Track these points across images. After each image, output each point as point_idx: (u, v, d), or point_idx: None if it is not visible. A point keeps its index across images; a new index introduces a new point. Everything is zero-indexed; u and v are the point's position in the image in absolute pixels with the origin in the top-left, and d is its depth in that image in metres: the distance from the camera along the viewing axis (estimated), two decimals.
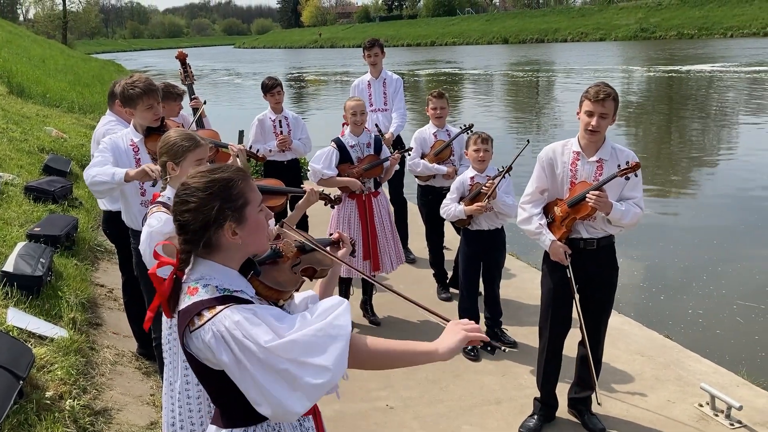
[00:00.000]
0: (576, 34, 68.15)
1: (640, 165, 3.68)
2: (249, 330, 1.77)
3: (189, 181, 1.92)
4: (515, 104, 24.41)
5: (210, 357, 1.82)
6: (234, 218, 1.88)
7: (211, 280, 1.87)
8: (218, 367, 1.84)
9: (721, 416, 4.09)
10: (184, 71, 5.91)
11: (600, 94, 3.60)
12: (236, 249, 1.93)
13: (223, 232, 1.88)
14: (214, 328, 1.79)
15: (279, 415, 1.80)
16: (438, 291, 6.20)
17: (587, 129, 3.66)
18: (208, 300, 1.83)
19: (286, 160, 6.62)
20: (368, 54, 7.04)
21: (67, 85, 18.55)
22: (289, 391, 1.77)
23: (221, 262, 1.92)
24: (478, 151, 5.01)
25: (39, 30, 58.91)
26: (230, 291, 1.86)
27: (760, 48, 41.53)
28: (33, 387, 3.48)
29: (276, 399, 1.77)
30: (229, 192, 1.89)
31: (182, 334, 1.87)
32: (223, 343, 1.78)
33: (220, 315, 1.80)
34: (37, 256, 4.79)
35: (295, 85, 37.43)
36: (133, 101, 3.88)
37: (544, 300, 4.03)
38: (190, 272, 1.93)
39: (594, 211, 3.67)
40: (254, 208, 1.94)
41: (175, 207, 1.92)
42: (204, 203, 1.87)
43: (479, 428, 4.12)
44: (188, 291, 1.88)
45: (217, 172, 1.93)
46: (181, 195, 1.91)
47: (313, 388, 1.79)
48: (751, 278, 7.29)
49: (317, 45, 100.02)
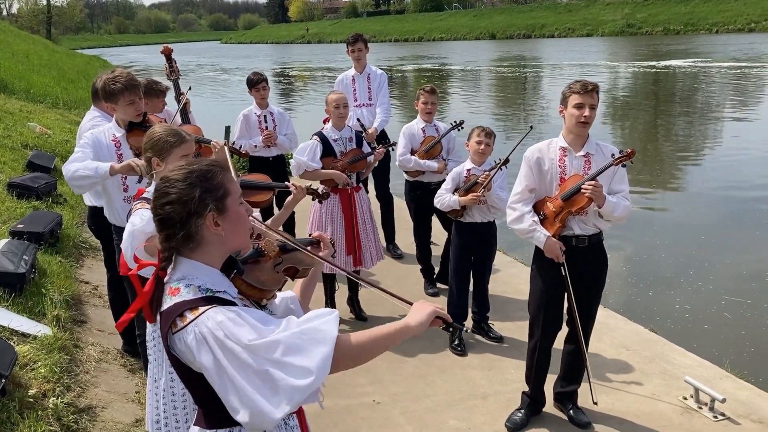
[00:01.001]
0: (563, 29, 68.34)
1: (635, 153, 3.71)
2: (232, 330, 1.73)
3: (168, 175, 1.90)
4: (502, 100, 24.44)
5: (191, 358, 1.79)
6: (215, 207, 1.86)
7: (194, 280, 1.84)
8: (200, 369, 1.80)
9: (705, 409, 4.12)
10: (170, 66, 5.85)
11: (588, 86, 3.65)
12: (219, 243, 1.89)
13: (205, 223, 1.85)
14: (197, 329, 1.75)
15: (256, 421, 1.73)
16: (425, 286, 6.20)
17: (579, 121, 3.67)
18: (190, 301, 1.79)
19: (271, 156, 6.60)
20: (352, 49, 7.02)
21: (51, 81, 18.39)
22: (269, 395, 1.72)
23: (204, 260, 1.89)
24: (480, 144, 4.99)
25: (23, 25, 58.36)
26: (213, 291, 1.82)
27: (743, 44, 41.82)
28: (16, 385, 3.45)
29: (254, 403, 1.71)
30: (210, 182, 1.87)
31: (165, 337, 1.83)
32: (204, 344, 1.74)
33: (203, 316, 1.76)
34: (20, 254, 4.75)
35: (282, 80, 37.29)
36: (115, 96, 3.84)
37: (536, 300, 4.01)
38: (172, 272, 1.89)
39: (588, 204, 3.67)
40: (235, 200, 1.92)
41: (155, 201, 1.88)
42: (184, 193, 1.84)
43: (466, 422, 4.13)
44: (170, 291, 1.84)
45: (196, 163, 1.92)
46: (161, 188, 1.88)
47: (295, 391, 1.72)
48: (738, 273, 7.33)
49: (304, 40, 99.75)
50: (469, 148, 5.08)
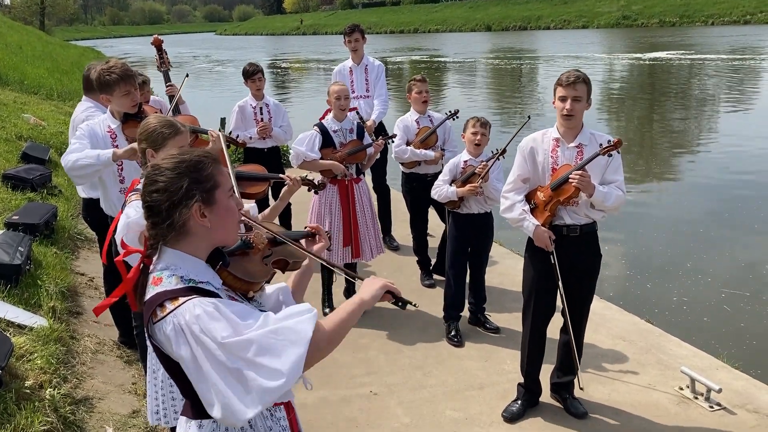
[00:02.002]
0: (559, 21, 68.24)
1: (622, 142, 3.70)
2: (207, 324, 1.72)
3: (159, 163, 1.90)
4: (498, 92, 24.42)
5: (169, 349, 1.79)
6: (203, 199, 1.85)
7: (177, 270, 1.83)
8: (178, 360, 1.80)
9: (701, 399, 4.14)
10: (160, 57, 5.81)
11: (570, 77, 3.65)
12: (205, 234, 1.88)
13: (191, 214, 1.84)
14: (175, 320, 1.75)
15: (227, 417, 1.73)
16: (421, 278, 6.21)
17: (562, 114, 3.69)
18: (171, 291, 1.79)
19: (266, 148, 6.58)
20: (349, 39, 6.99)
21: (45, 72, 18.28)
22: (241, 394, 1.71)
23: (189, 251, 1.88)
24: (476, 134, 4.98)
25: (16, 16, 57.97)
26: (195, 282, 1.81)
27: (739, 36, 41.84)
28: (12, 376, 3.45)
29: (227, 400, 1.71)
30: (199, 173, 1.87)
31: (146, 325, 1.84)
32: (182, 336, 1.74)
33: (182, 307, 1.75)
34: (15, 245, 4.73)
35: (276, 72, 37.16)
36: (110, 87, 3.81)
37: (527, 287, 4.04)
38: (157, 261, 1.88)
39: (577, 193, 3.68)
40: (224, 193, 1.91)
41: (144, 188, 1.88)
42: (172, 182, 1.84)
43: (462, 413, 4.14)
44: (153, 281, 1.84)
45: (187, 153, 1.92)
46: (150, 175, 1.88)
47: (265, 392, 1.71)
48: (736, 266, 7.34)
49: (299, 32, 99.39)
50: (465, 140, 5.07)
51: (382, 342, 5.09)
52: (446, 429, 3.99)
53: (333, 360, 4.78)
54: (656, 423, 3.97)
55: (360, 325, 5.38)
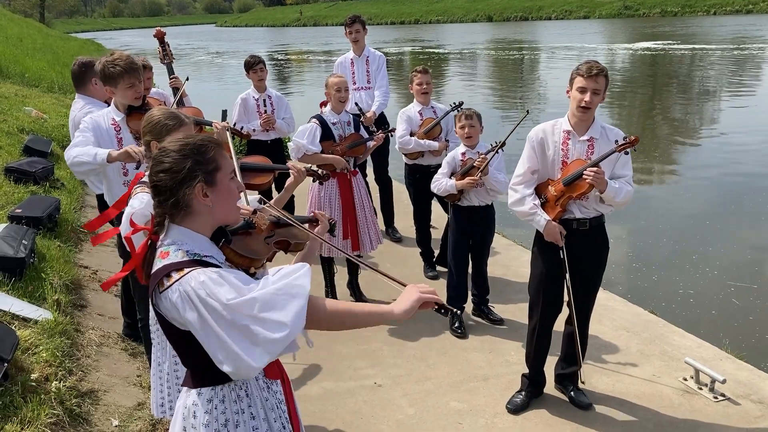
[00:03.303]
0: (560, 11, 67.91)
1: (639, 140, 3.67)
2: (212, 289, 1.85)
3: (166, 145, 2.05)
4: (499, 83, 24.35)
5: (176, 316, 1.91)
6: (205, 179, 1.98)
7: (183, 245, 1.96)
8: (184, 327, 1.92)
9: (705, 389, 4.15)
10: (163, 50, 5.79)
11: (593, 69, 3.57)
12: (207, 213, 2.01)
13: (194, 193, 1.97)
14: (181, 288, 1.87)
15: (240, 370, 1.86)
16: (425, 269, 6.21)
17: (579, 106, 3.62)
18: (177, 263, 1.92)
19: (269, 140, 6.58)
20: (349, 30, 6.97)
21: (45, 65, 18.24)
22: (250, 347, 1.84)
23: (193, 228, 2.01)
24: (463, 128, 4.99)
25: (16, 8, 57.84)
26: (200, 256, 1.95)
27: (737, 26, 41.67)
28: (18, 369, 3.45)
29: (236, 354, 1.84)
30: (202, 155, 2.00)
31: (151, 295, 1.95)
32: (189, 302, 1.86)
33: (187, 276, 1.88)
34: (19, 238, 4.73)
35: (276, 64, 37.07)
36: (114, 80, 3.80)
37: (535, 281, 4.01)
38: (164, 237, 2.02)
39: (590, 189, 3.65)
40: (225, 175, 2.04)
41: (151, 170, 2.01)
42: (177, 163, 1.97)
43: (467, 404, 4.15)
44: (160, 255, 1.97)
45: (192, 137, 2.06)
46: (157, 157, 2.02)
47: (272, 343, 1.85)
48: (743, 257, 7.32)
49: (300, 23, 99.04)
50: (458, 135, 5.09)
51: (386, 334, 5.09)
52: (451, 420, 4.00)
53: (336, 352, 4.79)
54: (661, 414, 3.98)
55: None
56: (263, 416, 2.07)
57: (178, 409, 2.10)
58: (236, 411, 2.03)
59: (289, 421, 2.15)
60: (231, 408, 2.03)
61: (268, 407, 2.09)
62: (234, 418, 2.03)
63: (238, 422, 2.03)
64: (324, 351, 4.77)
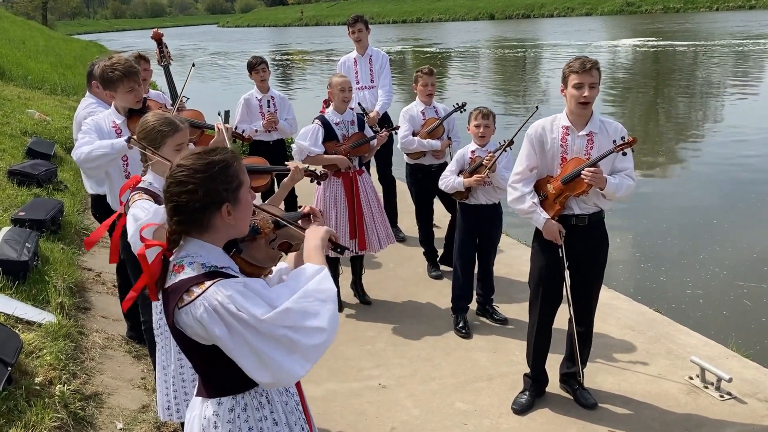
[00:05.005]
0: (562, 9, 67.83)
1: (637, 140, 3.66)
2: (242, 303, 1.81)
3: (186, 163, 1.95)
4: (501, 82, 24.31)
5: (200, 332, 1.86)
6: (230, 199, 1.94)
7: (197, 258, 1.91)
8: (209, 341, 1.87)
9: (711, 388, 4.12)
10: (161, 51, 5.75)
11: (586, 64, 3.58)
12: (226, 230, 1.98)
13: (220, 214, 1.93)
14: (206, 302, 1.82)
15: (282, 380, 1.86)
16: (428, 269, 6.19)
17: (579, 102, 3.61)
18: (195, 276, 1.87)
19: (272, 140, 6.57)
20: (352, 30, 6.96)
21: (48, 67, 18.26)
22: (289, 356, 1.83)
23: (209, 241, 1.97)
24: (479, 127, 4.96)
25: (18, 11, 57.98)
26: (217, 267, 1.90)
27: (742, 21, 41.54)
28: (22, 373, 3.45)
29: (277, 363, 1.82)
30: (227, 173, 1.94)
31: (171, 312, 1.89)
32: (215, 316, 1.81)
33: (211, 290, 1.83)
34: (22, 241, 4.73)
35: (278, 65, 37.06)
36: (114, 84, 3.79)
37: (535, 277, 4.02)
38: (177, 250, 1.97)
39: (589, 188, 3.65)
40: (246, 190, 2.00)
41: (171, 188, 1.93)
42: (204, 184, 1.90)
43: (472, 405, 4.13)
44: (174, 269, 1.92)
45: (215, 154, 1.97)
46: (178, 176, 1.93)
47: (312, 349, 1.86)
48: (751, 256, 7.27)
49: (302, 23, 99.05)
50: (470, 132, 5.05)
51: (389, 334, 5.08)
52: (456, 421, 3.98)
53: (340, 353, 4.78)
54: (666, 412, 3.96)
55: (366, 317, 5.38)
56: (285, 421, 2.06)
57: (194, 420, 2.04)
58: (259, 418, 2.01)
59: (306, 422, 2.16)
60: (254, 416, 2.00)
61: (288, 411, 2.08)
62: (258, 426, 2.00)
63: (261, 429, 2.01)
64: (328, 352, 4.70)
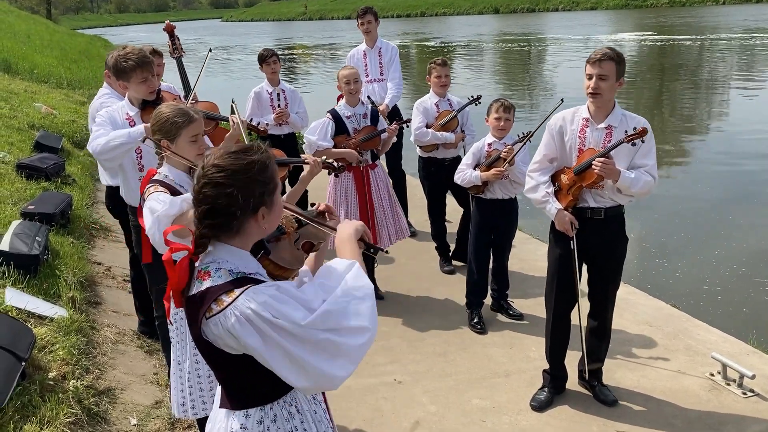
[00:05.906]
0: (567, 2, 67.47)
1: (647, 131, 3.59)
2: (279, 309, 1.71)
3: (223, 163, 1.80)
4: (506, 76, 24.19)
5: (231, 343, 1.75)
6: (267, 203, 1.84)
7: (224, 263, 1.80)
8: (239, 351, 1.77)
9: (733, 385, 4.06)
10: (173, 44, 5.68)
11: (596, 55, 3.57)
12: (258, 233, 1.88)
13: (256, 218, 1.83)
14: (237, 312, 1.71)
15: (323, 385, 1.79)
16: (440, 264, 6.13)
17: (587, 92, 3.61)
18: (224, 284, 1.76)
19: (283, 134, 6.51)
20: (361, 22, 6.88)
21: (54, 61, 18.23)
22: (330, 360, 1.75)
23: (238, 245, 1.85)
24: (499, 120, 4.87)
25: (22, 5, 57.87)
26: (245, 273, 1.79)
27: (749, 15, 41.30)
28: (35, 368, 3.40)
29: (318, 369, 1.73)
30: (266, 175, 1.83)
31: (198, 322, 1.78)
32: (248, 326, 1.71)
33: (242, 298, 1.72)
34: (32, 235, 4.68)
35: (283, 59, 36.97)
36: (126, 74, 3.72)
37: (551, 269, 3.97)
38: (203, 256, 1.85)
39: (601, 179, 3.59)
40: (279, 191, 1.91)
41: (205, 190, 1.80)
42: (244, 187, 1.79)
43: (489, 401, 4.07)
44: (199, 276, 1.81)
45: (252, 153, 1.84)
46: (214, 177, 1.79)
47: (357, 350, 1.78)
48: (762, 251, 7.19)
49: (306, 17, 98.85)
50: (489, 124, 4.96)
51: (403, 329, 5.02)
52: (474, 418, 3.92)
53: None
54: (688, 410, 3.89)
55: (379, 312, 5.29)
56: (315, 430, 1.98)
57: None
58: (290, 429, 1.91)
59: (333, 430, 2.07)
60: (284, 427, 1.91)
61: (317, 420, 1.99)
62: None
63: None
64: None
